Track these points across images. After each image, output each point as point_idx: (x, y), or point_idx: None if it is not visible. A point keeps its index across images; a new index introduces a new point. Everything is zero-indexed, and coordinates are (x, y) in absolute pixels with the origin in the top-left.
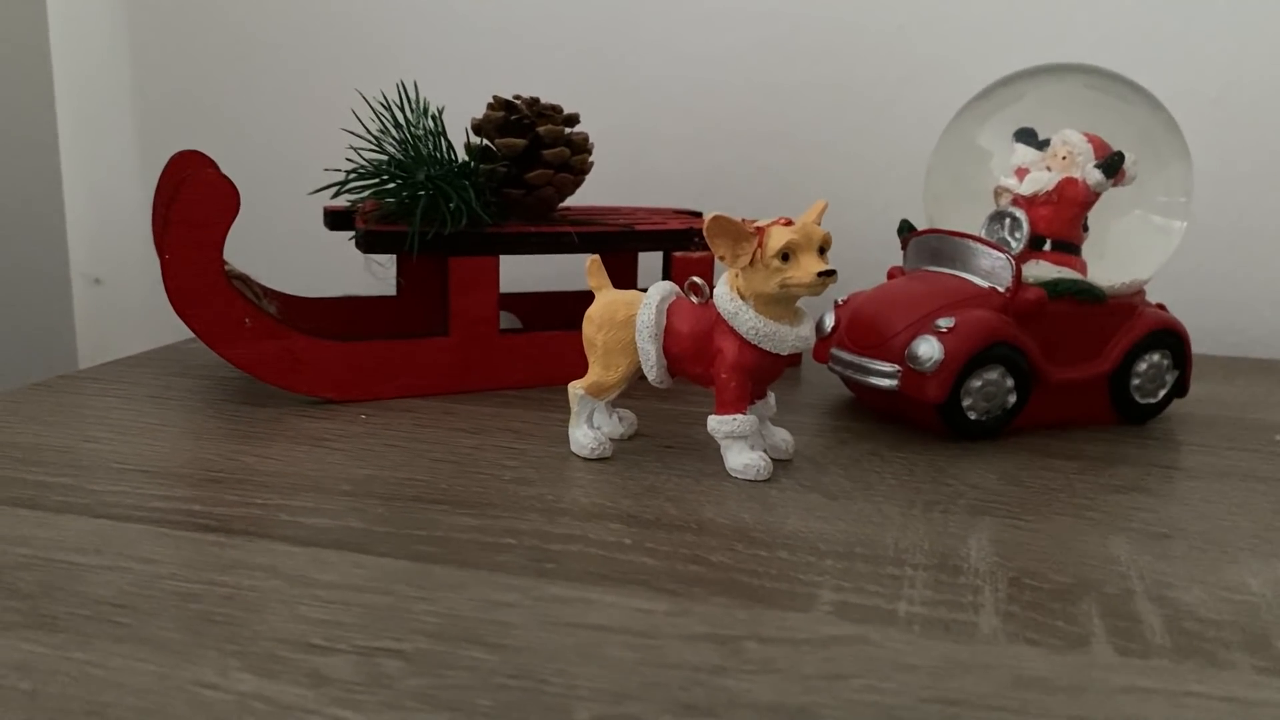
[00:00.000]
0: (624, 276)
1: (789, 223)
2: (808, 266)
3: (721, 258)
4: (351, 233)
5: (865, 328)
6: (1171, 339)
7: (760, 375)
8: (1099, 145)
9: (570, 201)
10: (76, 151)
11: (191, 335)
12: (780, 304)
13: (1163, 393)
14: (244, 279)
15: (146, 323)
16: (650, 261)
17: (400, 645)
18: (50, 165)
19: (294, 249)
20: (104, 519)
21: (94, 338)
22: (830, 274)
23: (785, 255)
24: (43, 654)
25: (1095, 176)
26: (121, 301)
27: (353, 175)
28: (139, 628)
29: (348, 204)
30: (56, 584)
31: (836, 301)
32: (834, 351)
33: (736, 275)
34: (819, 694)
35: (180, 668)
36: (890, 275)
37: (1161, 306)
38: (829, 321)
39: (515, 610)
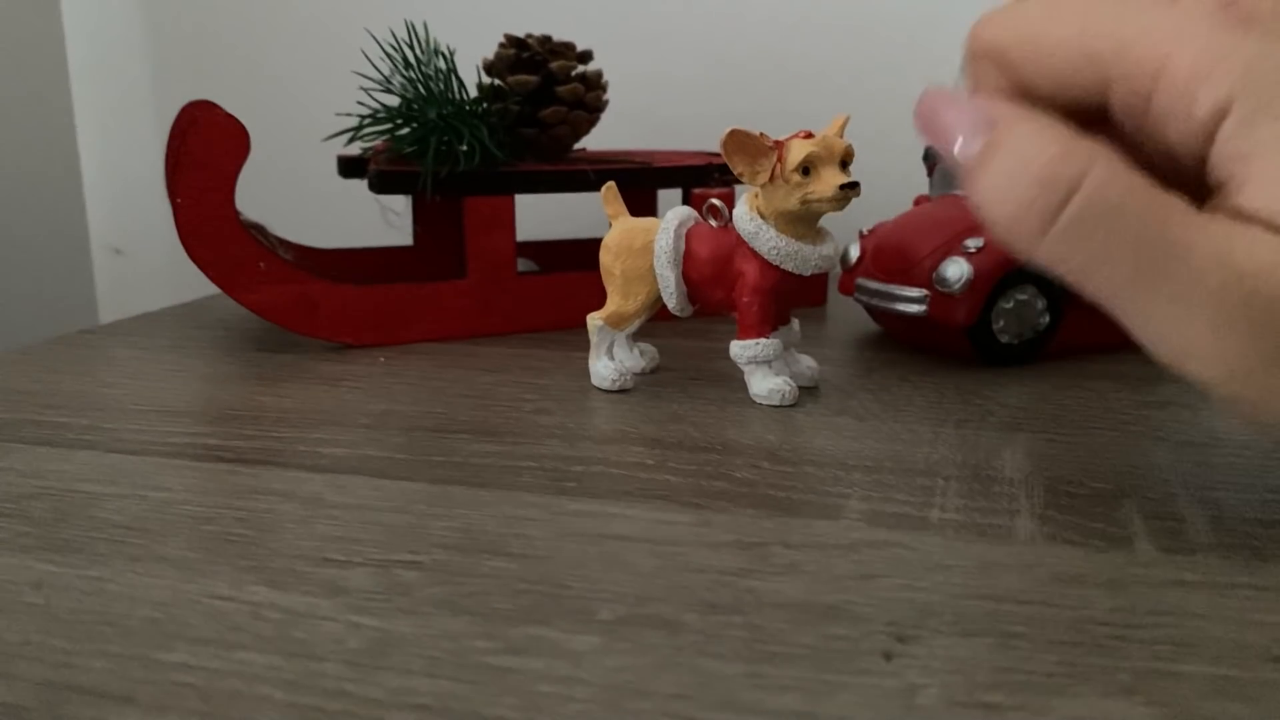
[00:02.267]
0: (643, 216)
1: (809, 135)
2: (829, 180)
3: (740, 175)
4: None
5: (891, 254)
6: None
7: (783, 298)
8: None
9: (587, 146)
10: (93, 120)
11: (210, 292)
12: (802, 222)
13: None
14: (259, 228)
15: (168, 291)
16: (670, 200)
17: (418, 558)
18: (67, 136)
19: (310, 202)
20: (119, 454)
21: (115, 308)
22: (853, 186)
23: (806, 169)
24: (56, 572)
25: None
26: (142, 271)
27: (367, 120)
28: (153, 548)
29: (361, 151)
30: (71, 511)
31: (861, 232)
32: (860, 281)
33: (756, 195)
34: (850, 593)
35: (193, 582)
36: (917, 203)
37: None
38: (854, 252)
39: (536, 524)
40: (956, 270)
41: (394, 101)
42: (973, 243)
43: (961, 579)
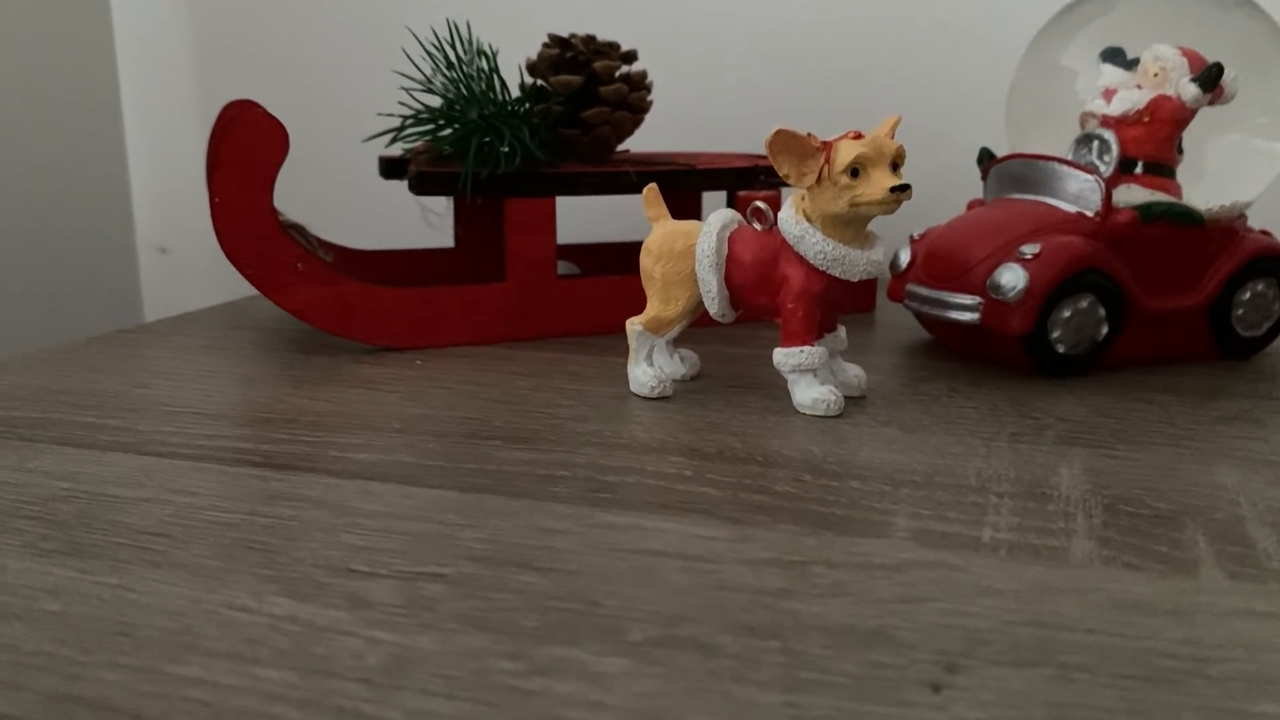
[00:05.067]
0: (686, 219)
1: (858, 136)
2: (879, 182)
3: (786, 176)
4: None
5: (943, 259)
6: (1278, 267)
7: (829, 304)
8: (1194, 59)
9: (630, 148)
10: (140, 119)
11: (249, 293)
12: (850, 225)
13: (1268, 325)
14: (299, 229)
15: (213, 291)
16: (714, 203)
17: (445, 570)
18: (114, 135)
19: (351, 203)
20: (149, 456)
21: (161, 307)
22: (904, 189)
23: (855, 171)
24: (75, 578)
25: (1190, 91)
26: (188, 270)
27: (409, 121)
28: (174, 554)
29: (402, 151)
30: (95, 515)
31: (912, 236)
32: (910, 287)
33: (803, 197)
34: (896, 617)
35: (213, 591)
36: (970, 207)
37: (1266, 233)
38: (904, 257)
39: (567, 537)
40: (1012, 277)
41: (435, 102)
42: (1029, 249)
43: (1015, 604)
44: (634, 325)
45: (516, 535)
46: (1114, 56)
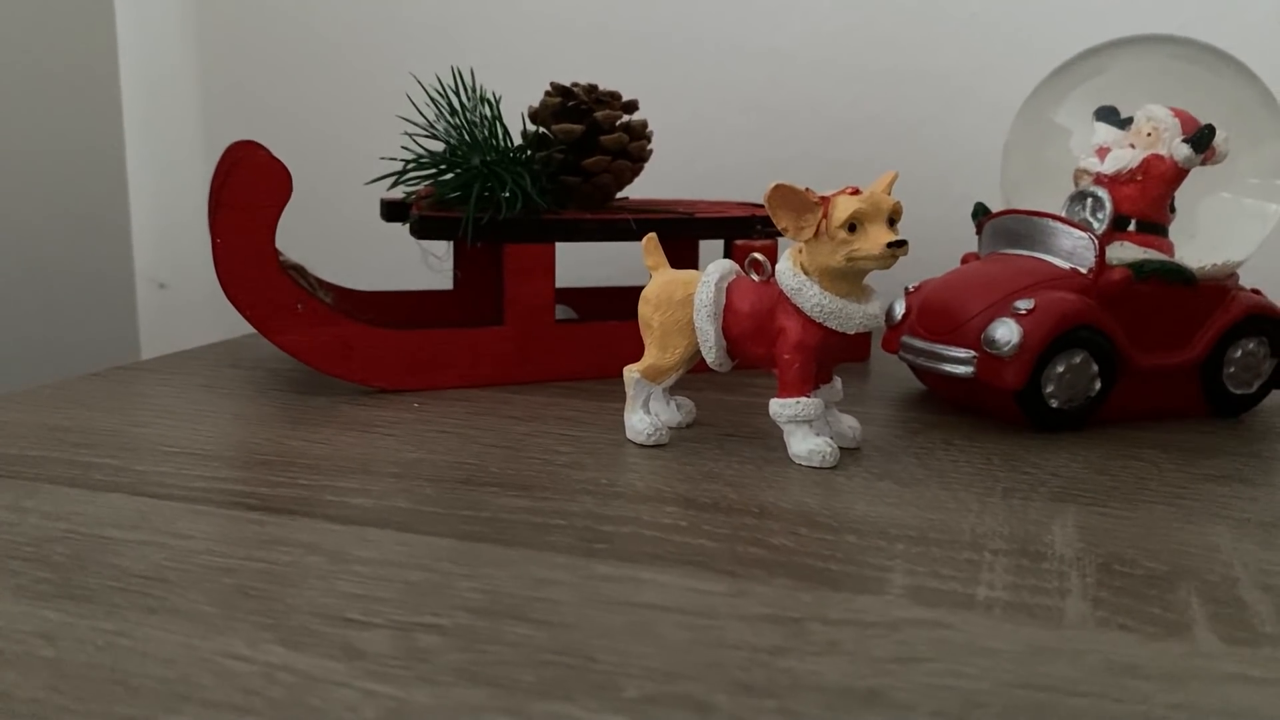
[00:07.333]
0: (683, 267)
1: (856, 192)
2: (876, 237)
3: (784, 230)
4: (407, 221)
5: (938, 313)
6: (1269, 325)
7: (825, 356)
8: (1187, 120)
9: (630, 195)
10: (142, 154)
11: (246, 330)
12: (847, 279)
13: (1258, 383)
14: (299, 269)
15: (210, 326)
16: (711, 251)
17: (440, 621)
18: (116, 169)
19: (352, 244)
20: (145, 497)
21: (158, 341)
22: (900, 245)
23: (852, 226)
24: (69, 623)
25: (1183, 152)
26: (186, 305)
27: (411, 165)
28: (170, 600)
29: (404, 195)
30: (90, 557)
31: (907, 288)
32: (905, 340)
33: (800, 250)
34: (891, 677)
35: (209, 639)
36: (964, 261)
37: (1257, 292)
38: (899, 309)
39: (563, 588)
40: (1006, 332)
41: (438, 147)
42: (1023, 304)
43: (1010, 665)
44: (631, 373)
45: (512, 585)
46: (1108, 115)
